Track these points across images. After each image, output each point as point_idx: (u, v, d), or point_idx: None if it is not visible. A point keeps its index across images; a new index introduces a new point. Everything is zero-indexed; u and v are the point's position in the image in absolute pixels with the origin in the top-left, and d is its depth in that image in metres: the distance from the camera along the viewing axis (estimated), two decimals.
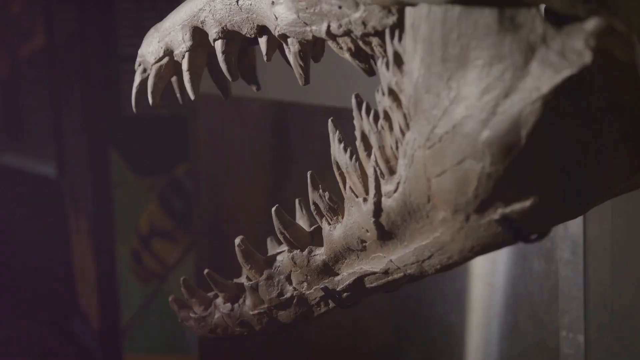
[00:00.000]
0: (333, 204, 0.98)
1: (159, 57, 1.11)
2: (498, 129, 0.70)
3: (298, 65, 0.98)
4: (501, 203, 0.75)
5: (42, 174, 4.49)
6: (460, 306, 1.85)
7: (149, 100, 1.14)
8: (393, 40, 0.83)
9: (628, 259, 1.55)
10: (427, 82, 0.76)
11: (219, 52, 1.06)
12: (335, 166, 0.97)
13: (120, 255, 3.68)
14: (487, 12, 0.68)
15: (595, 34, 0.59)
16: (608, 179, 0.71)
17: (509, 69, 0.68)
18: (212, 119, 2.80)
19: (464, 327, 1.86)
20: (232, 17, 1.02)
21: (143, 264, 3.65)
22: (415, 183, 0.82)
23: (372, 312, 2.12)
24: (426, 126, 0.77)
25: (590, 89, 0.63)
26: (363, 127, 0.92)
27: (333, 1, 0.88)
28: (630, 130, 0.65)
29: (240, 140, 2.71)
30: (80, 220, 3.99)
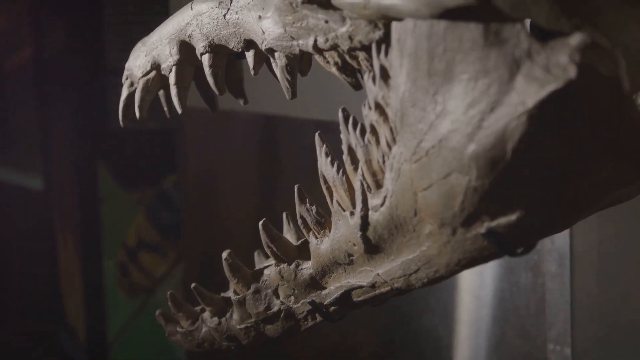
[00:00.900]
0: (320, 218, 0.99)
1: (146, 70, 1.11)
2: (484, 143, 0.70)
3: (285, 79, 0.98)
4: (487, 217, 0.75)
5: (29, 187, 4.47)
6: (448, 319, 1.85)
7: (136, 114, 1.14)
8: (379, 55, 0.83)
9: (615, 271, 1.56)
10: (413, 96, 0.76)
11: (206, 66, 1.06)
12: (322, 180, 0.97)
13: (107, 268, 3.66)
14: (473, 26, 0.68)
15: (580, 49, 0.59)
16: (593, 193, 0.71)
17: (494, 83, 0.68)
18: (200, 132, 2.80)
19: (451, 340, 1.86)
20: (219, 31, 1.03)
21: (130, 277, 3.63)
22: (402, 197, 0.82)
23: (359, 326, 2.12)
24: (412, 140, 0.77)
25: (575, 103, 0.64)
26: (350, 141, 0.92)
27: (320, 16, 0.88)
28: (614, 144, 0.65)
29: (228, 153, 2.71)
30: (67, 234, 3.97)
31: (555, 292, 1.56)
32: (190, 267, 3.01)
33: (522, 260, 1.62)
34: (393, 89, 0.81)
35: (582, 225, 1.47)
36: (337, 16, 0.86)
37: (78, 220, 3.75)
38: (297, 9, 0.90)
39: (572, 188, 0.71)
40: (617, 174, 0.68)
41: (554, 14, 0.58)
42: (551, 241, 1.54)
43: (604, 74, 0.60)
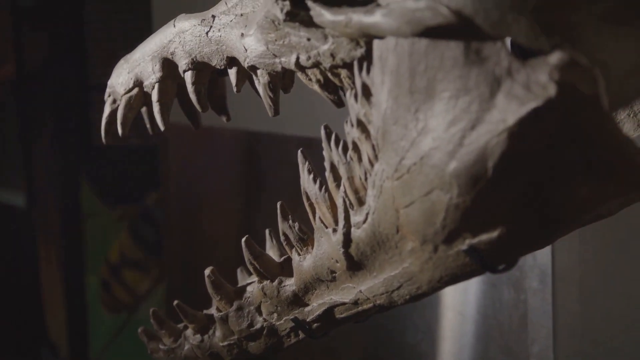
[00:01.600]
0: (303, 235, 0.99)
1: (128, 88, 1.11)
2: (465, 161, 0.70)
3: (267, 96, 0.99)
4: (469, 234, 0.76)
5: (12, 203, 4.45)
6: (431, 336, 1.86)
7: (119, 131, 1.14)
8: (361, 72, 0.83)
9: (596, 288, 1.56)
10: (395, 113, 0.76)
11: (188, 83, 1.06)
12: (305, 197, 0.97)
13: (89, 285, 3.65)
14: (454, 45, 0.69)
15: (559, 68, 0.60)
16: (574, 210, 0.71)
17: (475, 101, 0.68)
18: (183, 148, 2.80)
19: (435, 356, 1.86)
20: (202, 48, 1.03)
21: (113, 294, 3.62)
22: (384, 214, 0.83)
23: (343, 343, 2.12)
24: (394, 157, 0.78)
25: (555, 120, 0.64)
26: (332, 158, 0.93)
27: (302, 33, 0.88)
28: (594, 161, 0.66)
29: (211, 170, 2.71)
30: (50, 250, 3.96)
31: (538, 309, 1.57)
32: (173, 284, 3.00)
33: (505, 277, 1.62)
34: (375, 106, 0.81)
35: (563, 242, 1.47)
36: (319, 34, 0.87)
37: (61, 237, 3.74)
38: (280, 27, 0.91)
39: (553, 205, 0.71)
40: (597, 191, 0.68)
41: (533, 32, 0.59)
42: (533, 257, 1.55)
43: (583, 91, 0.61)
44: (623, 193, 0.69)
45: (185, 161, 2.82)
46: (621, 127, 0.84)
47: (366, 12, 0.71)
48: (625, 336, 1.61)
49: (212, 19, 1.01)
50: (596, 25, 0.61)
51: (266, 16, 0.92)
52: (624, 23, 0.61)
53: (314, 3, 0.80)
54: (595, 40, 0.60)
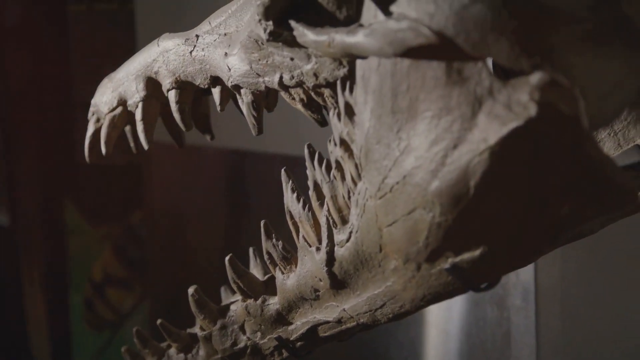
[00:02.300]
0: (286, 253, 0.99)
1: (112, 107, 1.12)
2: (447, 180, 0.71)
3: (251, 115, 0.99)
4: (451, 252, 0.76)
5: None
6: (415, 353, 1.86)
7: (103, 150, 1.14)
8: (344, 92, 0.84)
9: (578, 305, 1.57)
10: (378, 133, 0.77)
11: (172, 102, 1.06)
12: (289, 215, 0.97)
13: (73, 303, 3.63)
14: (435, 65, 0.69)
15: (539, 88, 0.60)
16: (555, 228, 0.72)
17: (457, 120, 0.69)
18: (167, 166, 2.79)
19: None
20: (186, 67, 1.03)
21: (96, 312, 3.60)
22: (367, 232, 0.83)
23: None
24: (377, 176, 0.78)
25: (536, 140, 0.65)
26: (316, 176, 0.93)
27: (285, 53, 0.89)
28: (574, 181, 0.66)
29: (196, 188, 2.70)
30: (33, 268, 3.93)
31: (521, 326, 1.57)
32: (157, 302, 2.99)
33: (488, 295, 1.62)
34: (358, 125, 0.81)
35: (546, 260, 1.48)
36: (302, 54, 0.87)
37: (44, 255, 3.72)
38: (263, 47, 0.91)
39: (534, 223, 0.71)
40: (578, 210, 0.69)
41: (514, 53, 0.59)
42: (516, 275, 1.55)
43: (563, 111, 0.61)
44: (603, 212, 0.70)
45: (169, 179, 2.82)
46: (602, 146, 0.84)
47: (349, 32, 0.72)
48: (608, 353, 1.61)
49: (196, 39, 1.02)
50: (576, 46, 0.62)
51: (250, 36, 0.92)
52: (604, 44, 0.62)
53: (297, 23, 0.81)
54: (575, 60, 0.61)
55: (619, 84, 0.63)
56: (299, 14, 0.83)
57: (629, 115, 0.82)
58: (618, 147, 0.83)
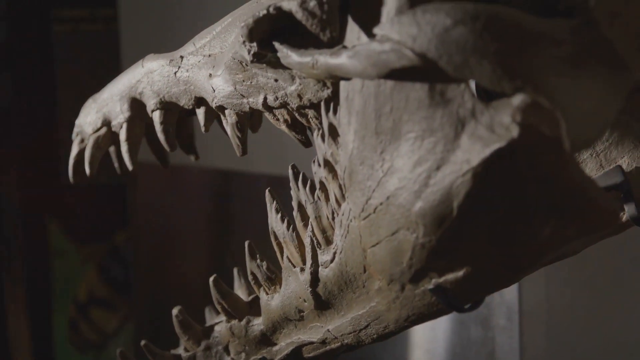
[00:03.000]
0: (271, 274, 0.99)
1: (96, 127, 1.12)
2: (430, 201, 0.71)
3: (235, 136, 0.99)
4: (435, 273, 0.76)
5: None
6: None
7: (87, 171, 1.14)
8: (328, 113, 0.84)
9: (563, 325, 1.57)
10: (361, 154, 0.77)
11: (156, 123, 1.06)
12: (273, 236, 0.98)
13: (57, 324, 3.61)
14: (418, 86, 0.70)
15: (521, 110, 0.61)
16: (538, 249, 0.72)
17: (440, 142, 0.69)
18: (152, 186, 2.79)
19: None
20: (170, 88, 1.03)
21: (81, 333, 3.59)
22: (351, 253, 0.83)
23: None
24: (361, 197, 0.78)
25: (519, 161, 0.65)
26: (300, 197, 0.93)
27: (269, 74, 0.89)
28: (556, 202, 0.66)
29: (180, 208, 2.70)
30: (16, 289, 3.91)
31: (505, 346, 1.57)
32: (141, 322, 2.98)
33: (473, 314, 1.63)
34: (342, 146, 0.82)
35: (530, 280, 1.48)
36: (286, 75, 0.88)
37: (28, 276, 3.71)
38: (247, 68, 0.91)
39: (517, 244, 0.72)
40: (560, 231, 0.69)
41: (496, 75, 0.60)
42: (500, 295, 1.56)
43: (545, 133, 0.61)
44: (586, 233, 0.70)
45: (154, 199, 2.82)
46: (584, 166, 0.85)
47: (332, 54, 0.72)
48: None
49: (181, 60, 1.02)
50: (558, 68, 0.62)
51: (234, 57, 0.92)
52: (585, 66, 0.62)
53: (281, 45, 0.81)
54: (557, 82, 0.61)
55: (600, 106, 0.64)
56: (283, 35, 0.83)
57: (611, 136, 0.83)
58: (600, 168, 0.84)
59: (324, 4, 0.76)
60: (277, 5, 0.81)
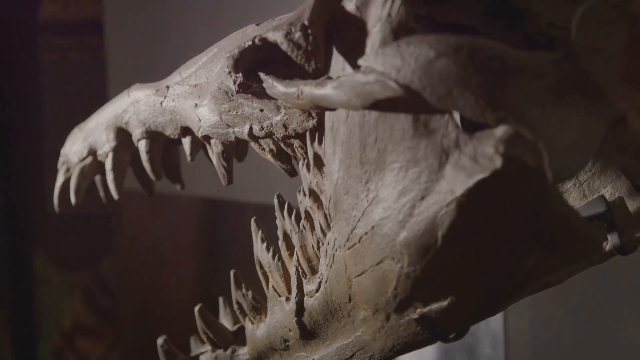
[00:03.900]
0: (256, 303, 0.99)
1: (82, 156, 1.12)
2: (415, 230, 0.71)
3: (221, 165, 0.99)
4: (420, 302, 0.76)
5: None
6: None
7: (72, 200, 1.14)
8: (313, 143, 0.85)
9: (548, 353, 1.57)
10: (346, 183, 0.77)
11: (142, 152, 1.07)
12: (258, 265, 0.98)
13: (42, 352, 3.59)
14: (403, 117, 0.70)
15: (504, 141, 0.61)
16: (522, 279, 0.72)
17: (424, 172, 0.70)
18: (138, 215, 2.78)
19: None
20: (156, 118, 1.04)
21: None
22: (336, 283, 0.83)
23: None
24: (346, 227, 0.79)
25: (502, 192, 0.65)
26: (285, 227, 0.93)
27: (255, 104, 0.90)
28: (540, 232, 0.67)
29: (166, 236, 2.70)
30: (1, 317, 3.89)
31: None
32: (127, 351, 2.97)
33: (458, 343, 1.62)
34: (327, 176, 0.82)
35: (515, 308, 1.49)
36: (272, 105, 0.88)
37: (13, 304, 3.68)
38: (233, 98, 0.92)
39: (502, 274, 0.72)
40: (544, 261, 0.69)
41: (479, 107, 0.60)
42: (486, 324, 1.56)
43: (528, 164, 0.62)
44: (570, 262, 0.70)
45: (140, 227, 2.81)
46: (567, 196, 0.85)
47: (317, 84, 0.73)
48: None
49: (167, 89, 1.02)
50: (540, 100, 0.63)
51: (219, 87, 0.93)
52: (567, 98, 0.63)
53: (266, 75, 0.82)
54: (539, 113, 0.62)
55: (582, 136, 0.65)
56: (268, 66, 0.83)
57: (594, 166, 0.84)
58: (583, 198, 0.85)
59: (309, 35, 0.77)
60: (262, 36, 0.81)
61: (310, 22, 0.77)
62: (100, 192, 1.14)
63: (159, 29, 2.61)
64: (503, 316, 1.54)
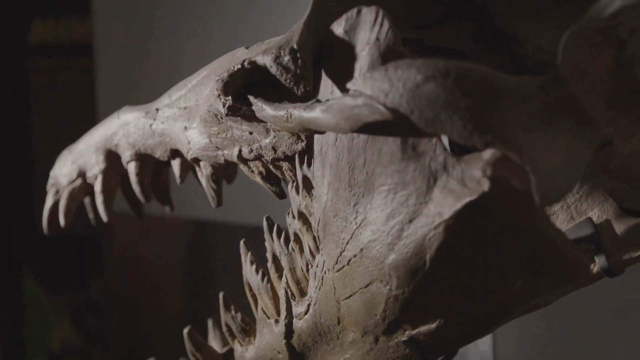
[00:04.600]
0: (245, 325, 0.99)
1: (72, 179, 1.12)
2: (403, 253, 0.71)
3: (210, 187, 1.00)
4: (409, 325, 0.76)
5: None
6: None
7: (61, 222, 1.14)
8: (302, 166, 0.85)
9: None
10: (335, 206, 0.78)
11: (131, 175, 1.07)
12: (247, 287, 0.98)
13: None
14: (391, 140, 0.70)
15: (492, 164, 0.62)
16: (510, 301, 0.73)
17: (412, 195, 0.70)
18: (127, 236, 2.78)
19: None
20: (146, 140, 1.04)
21: None
22: (325, 305, 0.83)
23: None
24: (335, 249, 0.79)
25: (490, 215, 0.66)
26: (274, 249, 0.94)
27: (244, 127, 0.90)
28: (527, 255, 0.67)
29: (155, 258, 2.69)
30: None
31: None
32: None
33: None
34: (316, 198, 0.82)
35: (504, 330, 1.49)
36: (261, 128, 0.89)
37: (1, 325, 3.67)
38: (222, 121, 0.92)
39: (490, 296, 0.72)
40: (532, 284, 0.70)
41: (466, 130, 0.60)
42: (475, 345, 1.56)
43: (515, 187, 0.62)
44: (557, 285, 0.71)
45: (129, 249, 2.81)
46: (555, 218, 0.86)
47: (306, 107, 0.73)
48: None
49: (156, 112, 1.03)
50: (528, 123, 0.63)
51: (209, 110, 0.93)
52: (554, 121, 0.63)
53: (255, 98, 0.82)
54: (527, 137, 0.62)
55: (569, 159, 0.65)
56: (257, 88, 0.84)
57: (581, 188, 0.84)
58: (571, 220, 0.85)
59: (298, 59, 0.77)
60: (251, 59, 0.82)
61: (299, 46, 0.78)
62: (89, 214, 1.14)
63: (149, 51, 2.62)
64: (492, 338, 1.54)
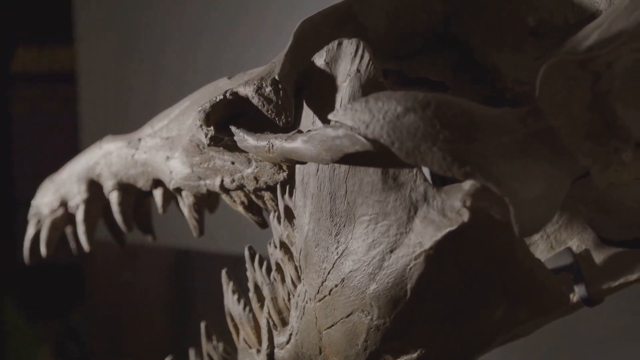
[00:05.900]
0: (227, 355, 0.99)
1: (53, 208, 1.12)
2: (384, 283, 0.72)
3: (192, 217, 1.00)
4: (389, 355, 0.77)
5: None
6: None
7: (43, 252, 1.13)
8: (284, 195, 0.85)
9: None
10: (317, 236, 0.78)
11: (114, 204, 1.07)
12: (229, 317, 0.98)
13: None
14: (372, 171, 0.71)
15: (471, 195, 0.62)
16: (490, 331, 0.73)
17: (393, 225, 0.70)
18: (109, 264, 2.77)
19: None
20: (128, 170, 1.04)
21: None
22: (306, 335, 0.83)
23: None
24: (316, 279, 0.79)
25: (470, 245, 0.66)
26: (256, 278, 0.94)
27: (226, 157, 0.90)
28: (507, 285, 0.68)
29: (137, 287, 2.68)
30: None
31: None
32: None
33: None
34: (297, 228, 0.83)
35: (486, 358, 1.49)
36: (243, 158, 0.89)
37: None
38: (204, 151, 0.92)
39: (470, 325, 0.73)
40: (511, 313, 0.70)
41: (446, 162, 0.61)
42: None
43: (495, 218, 0.63)
44: (537, 315, 0.71)
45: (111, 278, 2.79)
46: (535, 248, 0.86)
47: (288, 138, 0.74)
48: None
49: (138, 142, 1.03)
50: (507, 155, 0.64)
51: (191, 140, 0.93)
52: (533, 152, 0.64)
53: (237, 129, 0.82)
54: (506, 168, 0.63)
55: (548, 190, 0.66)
56: (239, 119, 0.84)
57: (560, 218, 0.85)
58: (551, 249, 0.85)
59: (280, 90, 0.78)
60: (233, 90, 0.82)
61: (281, 77, 0.78)
62: (71, 243, 1.14)
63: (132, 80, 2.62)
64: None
